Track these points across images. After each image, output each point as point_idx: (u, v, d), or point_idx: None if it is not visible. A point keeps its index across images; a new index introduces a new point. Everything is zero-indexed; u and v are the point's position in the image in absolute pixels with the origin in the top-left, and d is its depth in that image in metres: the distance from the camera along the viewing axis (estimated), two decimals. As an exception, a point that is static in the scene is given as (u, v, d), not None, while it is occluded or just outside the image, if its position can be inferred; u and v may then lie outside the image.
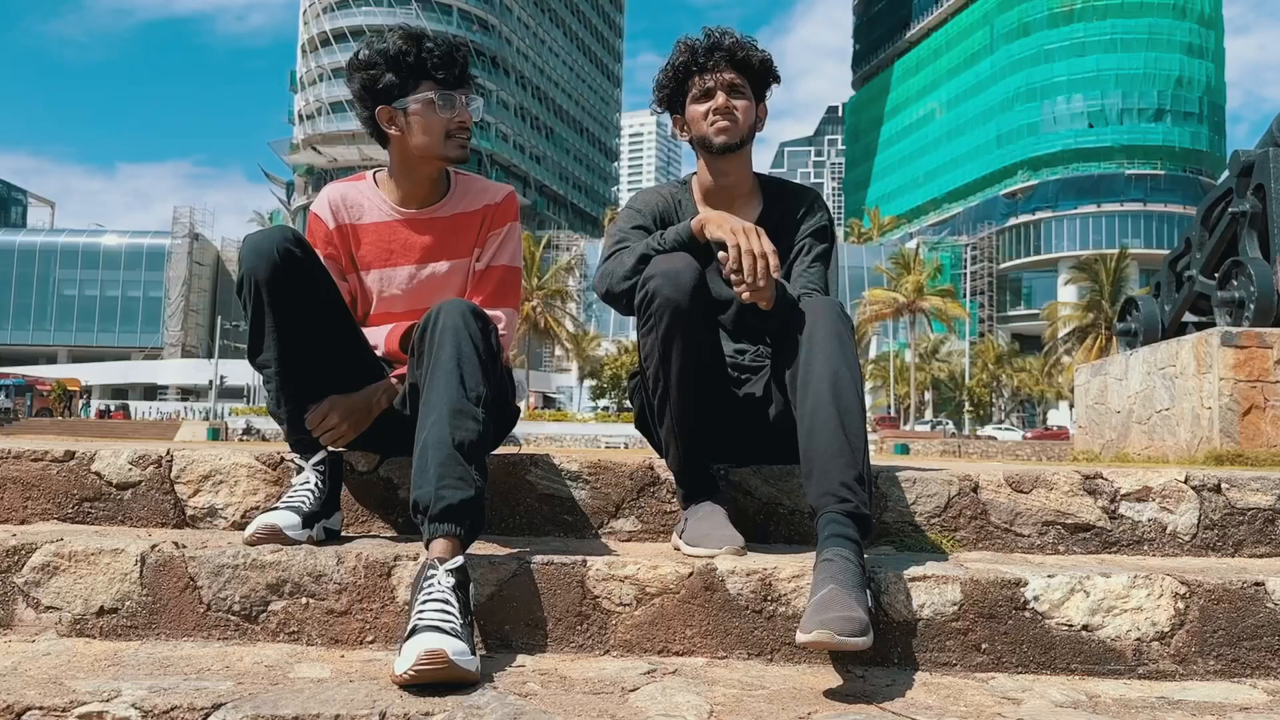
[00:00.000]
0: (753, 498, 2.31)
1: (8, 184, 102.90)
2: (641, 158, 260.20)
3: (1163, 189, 70.98)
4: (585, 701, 1.52)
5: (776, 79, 2.43)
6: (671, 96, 2.41)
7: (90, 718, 1.44)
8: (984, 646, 1.81)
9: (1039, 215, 74.97)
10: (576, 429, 41.18)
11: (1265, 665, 1.82)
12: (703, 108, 2.34)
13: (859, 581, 1.70)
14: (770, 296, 2.03)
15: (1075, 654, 1.81)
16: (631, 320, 2.21)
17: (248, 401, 55.38)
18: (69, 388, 55.88)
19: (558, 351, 61.10)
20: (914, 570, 1.86)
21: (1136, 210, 71.35)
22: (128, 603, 1.90)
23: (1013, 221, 76.38)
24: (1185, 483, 2.27)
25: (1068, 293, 64.07)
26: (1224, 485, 2.27)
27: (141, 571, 1.90)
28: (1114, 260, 52.89)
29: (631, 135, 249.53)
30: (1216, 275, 6.38)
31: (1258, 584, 1.84)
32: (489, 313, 2.13)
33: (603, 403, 55.06)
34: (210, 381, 54.29)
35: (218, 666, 1.69)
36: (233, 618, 1.87)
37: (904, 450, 28.01)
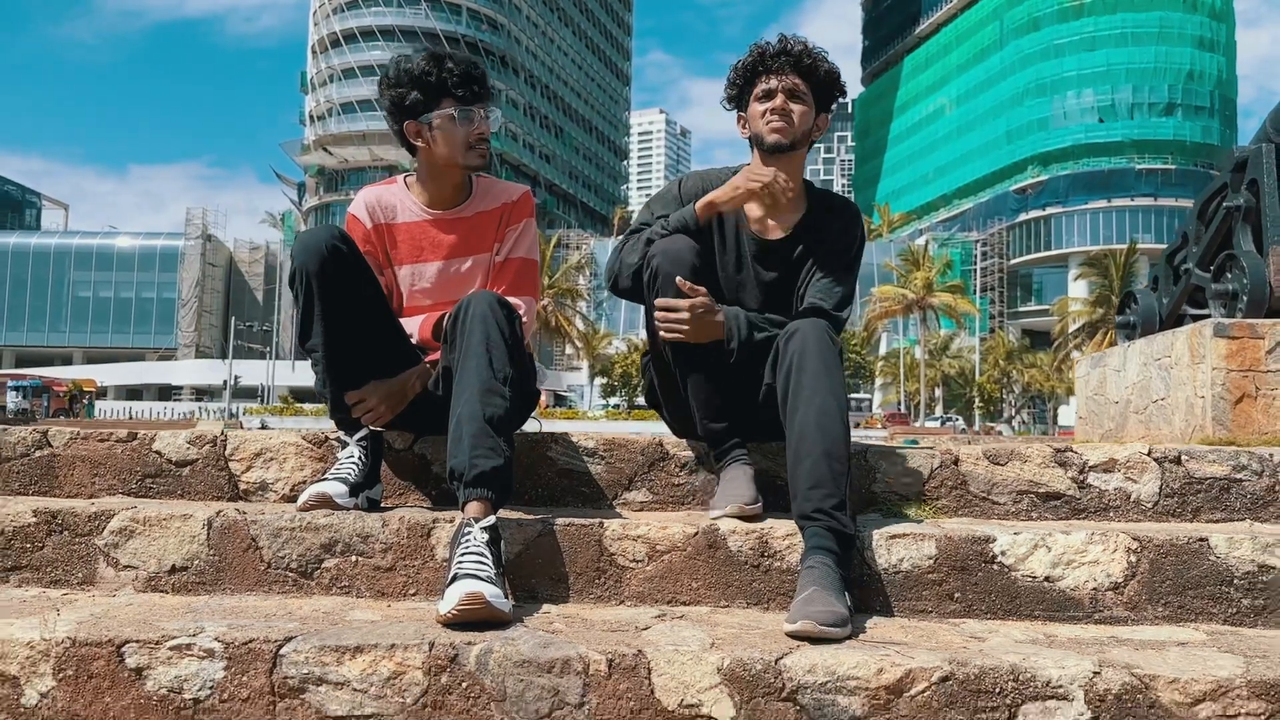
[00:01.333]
0: (755, 471, 2.53)
1: (22, 187, 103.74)
2: (651, 156, 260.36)
3: (1173, 184, 70.74)
4: (604, 636, 1.75)
5: (842, 91, 2.58)
6: (739, 95, 2.58)
7: (181, 649, 1.68)
8: (956, 596, 2.04)
9: (1049, 211, 74.82)
10: (588, 426, 41.40)
11: (1208, 611, 2.04)
12: (762, 107, 2.49)
13: (839, 585, 1.90)
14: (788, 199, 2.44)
15: (1038, 602, 2.04)
16: (640, 318, 2.45)
17: (262, 401, 55.79)
18: (85, 388, 56.35)
19: (568, 350, 61.37)
20: (895, 529, 2.10)
21: (1147, 205, 71.16)
22: (196, 562, 2.14)
23: (1023, 217, 76.25)
24: (1148, 455, 2.49)
25: (1078, 288, 63.99)
26: (1184, 457, 2.49)
27: (208, 534, 2.14)
28: (1123, 255, 52.83)
29: (641, 133, 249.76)
30: (1212, 268, 6.55)
31: (1202, 539, 2.07)
32: (510, 300, 2.36)
33: (613, 400, 55.29)
34: (224, 382, 54.74)
35: (281, 613, 1.93)
36: (290, 574, 2.11)
37: (913, 445, 28.12)
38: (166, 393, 69.21)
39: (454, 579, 1.82)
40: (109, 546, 2.16)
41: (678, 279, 2.28)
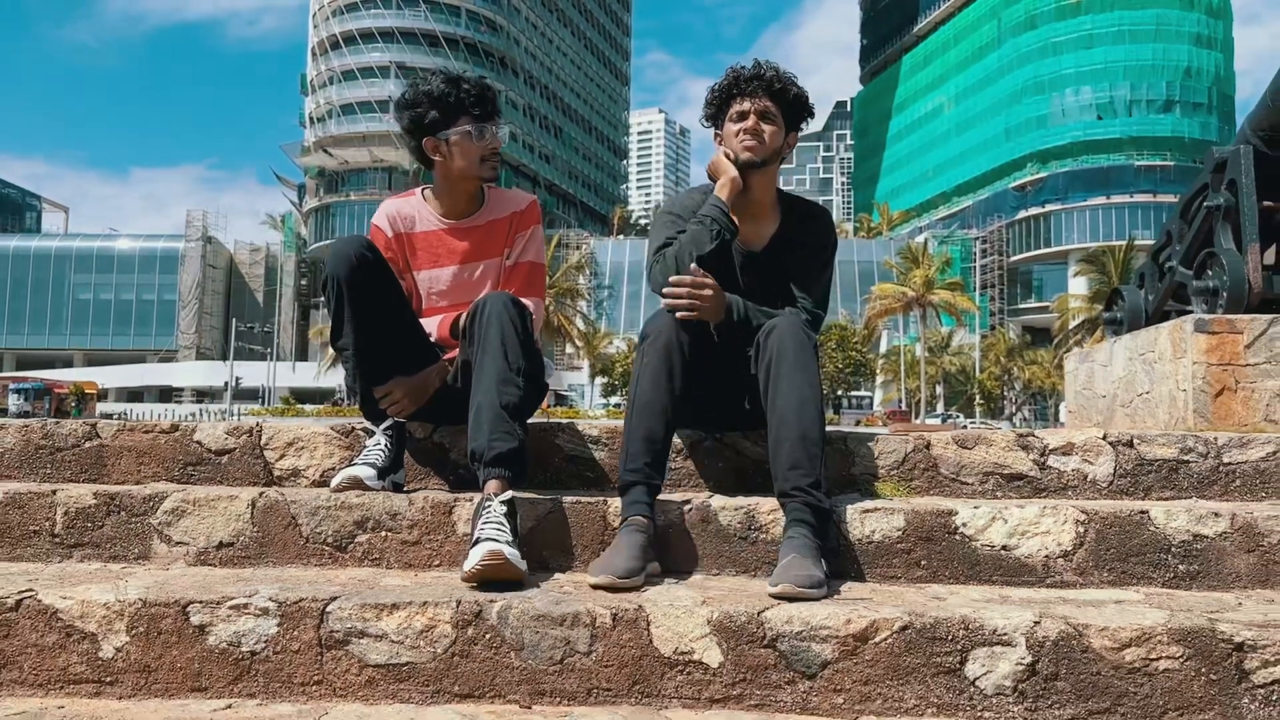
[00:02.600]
0: (744, 457, 2.77)
1: (22, 189, 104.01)
2: (650, 155, 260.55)
3: (1172, 180, 70.84)
4: (609, 597, 1.99)
5: (811, 113, 2.84)
6: (716, 114, 2.84)
7: (239, 608, 1.92)
8: (923, 563, 2.28)
9: (1049, 208, 75.09)
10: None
11: (1148, 576, 2.28)
12: (736, 127, 2.76)
13: (816, 553, 2.14)
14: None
15: (996, 568, 2.28)
16: (641, 318, 2.68)
17: (263, 403, 56.05)
18: (86, 390, 56.59)
19: (569, 349, 61.58)
20: (868, 505, 2.34)
21: (1146, 202, 71.35)
22: (242, 538, 2.38)
23: (1022, 214, 76.51)
24: (1103, 439, 2.73)
25: (1078, 285, 64.18)
26: (1136, 441, 2.73)
27: (252, 513, 2.38)
28: (1122, 252, 53.00)
29: (640, 133, 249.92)
30: (1194, 266, 6.78)
31: (1142, 511, 2.31)
32: (521, 300, 2.60)
33: (614, 400, 55.53)
34: (225, 383, 54.99)
35: (321, 580, 2.17)
36: (327, 548, 2.36)
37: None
38: (167, 395, 69.47)
39: (476, 542, 2.07)
40: (162, 525, 2.40)
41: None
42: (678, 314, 2.50)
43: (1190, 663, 1.84)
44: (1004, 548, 2.29)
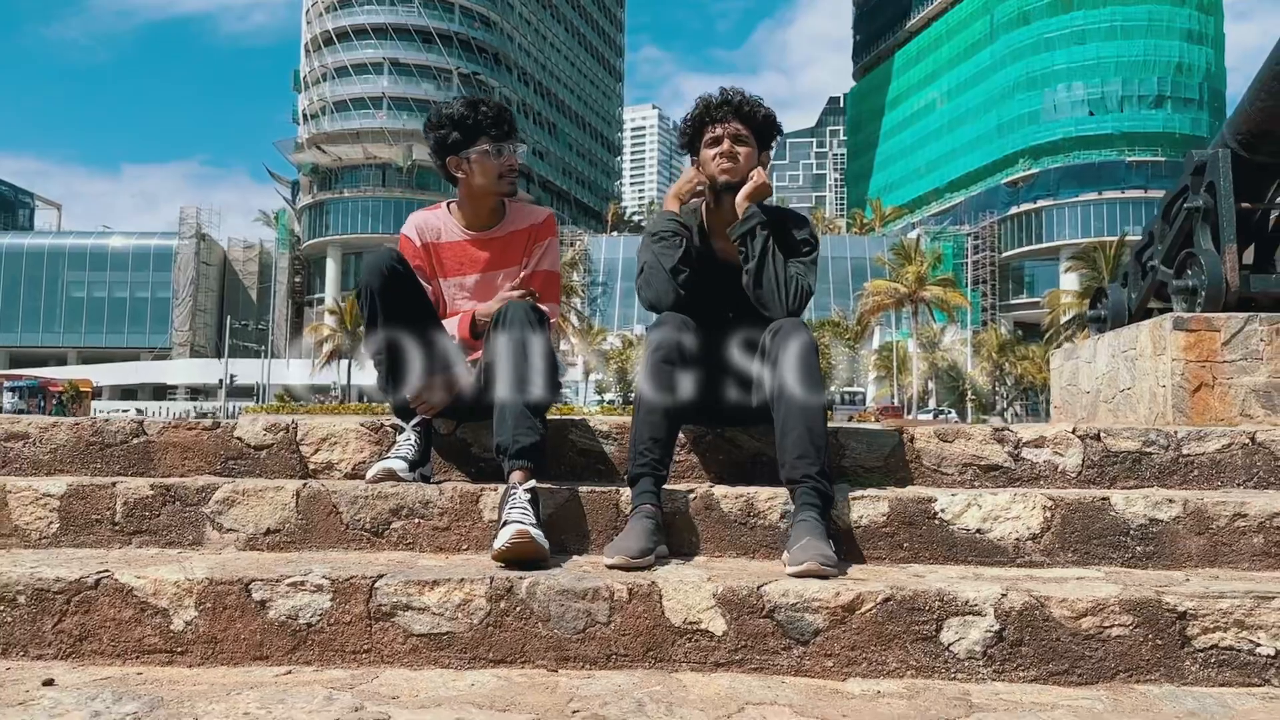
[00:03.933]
0: (742, 450, 3.01)
1: (14, 187, 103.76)
2: (644, 151, 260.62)
3: (1163, 175, 71.12)
4: (625, 574, 2.24)
5: (779, 131, 3.08)
6: (691, 142, 3.09)
7: (296, 585, 2.16)
8: (905, 545, 2.53)
9: (1040, 204, 75.47)
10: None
11: (1108, 557, 2.53)
12: (711, 152, 3.00)
13: (825, 535, 2.39)
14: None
15: (972, 550, 2.53)
16: (635, 314, 2.91)
17: (258, 400, 56.13)
18: (81, 389, 56.66)
19: (563, 346, 61.81)
20: (857, 493, 2.59)
21: (1138, 197, 71.72)
22: (287, 525, 2.62)
23: (1014, 210, 76.85)
24: (1072, 432, 2.97)
25: (1069, 281, 64.51)
26: (1102, 434, 2.97)
27: (297, 502, 2.62)
28: (1112, 248, 53.36)
29: (634, 129, 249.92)
30: (1174, 265, 7.03)
31: (1104, 498, 2.55)
32: (540, 307, 2.84)
33: (608, 396, 55.79)
34: (220, 381, 55.13)
35: (363, 562, 2.40)
36: (365, 533, 2.59)
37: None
38: (161, 392, 69.47)
39: (505, 524, 2.32)
40: (214, 514, 2.64)
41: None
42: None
43: (1139, 630, 2.08)
44: (978, 531, 2.53)
